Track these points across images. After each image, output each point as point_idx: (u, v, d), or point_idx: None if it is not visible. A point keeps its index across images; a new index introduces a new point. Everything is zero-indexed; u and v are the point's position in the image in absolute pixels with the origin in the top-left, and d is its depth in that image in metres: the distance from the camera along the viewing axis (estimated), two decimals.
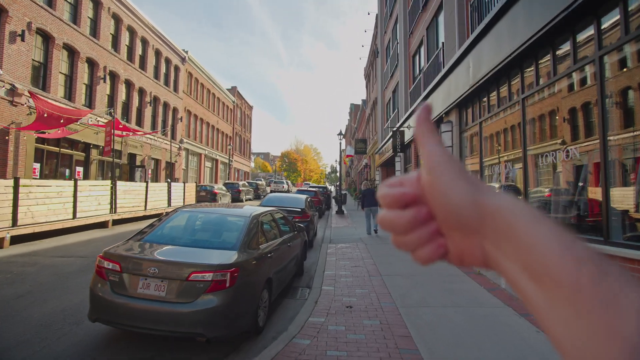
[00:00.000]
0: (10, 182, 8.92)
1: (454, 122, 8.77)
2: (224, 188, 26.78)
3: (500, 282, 6.32)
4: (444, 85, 9.13)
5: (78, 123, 14.55)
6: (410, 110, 12.83)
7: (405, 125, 13.51)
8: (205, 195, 23.41)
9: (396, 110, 17.68)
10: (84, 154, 19.52)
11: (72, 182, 11.13)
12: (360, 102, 42.93)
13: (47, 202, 10.03)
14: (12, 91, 14.57)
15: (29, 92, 13.56)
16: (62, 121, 11.38)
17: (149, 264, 4.02)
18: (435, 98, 9.94)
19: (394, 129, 14.71)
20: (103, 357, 4.01)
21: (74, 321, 4.81)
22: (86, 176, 19.50)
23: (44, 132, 12.57)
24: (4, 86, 14.23)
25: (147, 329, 3.94)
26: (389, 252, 9.48)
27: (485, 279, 6.72)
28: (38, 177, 16.32)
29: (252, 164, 77.25)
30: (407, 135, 13.68)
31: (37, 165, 16.48)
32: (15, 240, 9.24)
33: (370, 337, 4.37)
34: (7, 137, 13.95)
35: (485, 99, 7.35)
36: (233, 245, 4.56)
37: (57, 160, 17.79)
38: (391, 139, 15.28)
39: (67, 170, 18.55)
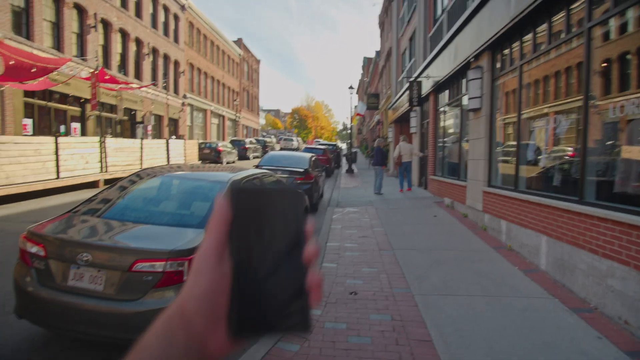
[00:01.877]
0: None
1: (484, 67, 7.28)
2: (229, 145, 25.72)
3: (539, 261, 5.21)
4: (474, 23, 7.55)
5: (58, 73, 13.28)
6: (430, 57, 11.21)
7: (424, 75, 11.92)
8: (209, 153, 22.42)
9: (413, 59, 15.91)
10: (79, 109, 18.44)
11: (52, 139, 10.12)
12: (373, 55, 40.29)
13: (23, 160, 9.08)
14: None
15: None
16: (34, 70, 10.19)
17: (79, 248, 2.99)
18: (462, 40, 8.38)
19: (411, 79, 13.12)
20: None
21: (12, 309, 3.90)
22: (84, 133, 18.54)
23: (24, 84, 11.42)
24: None
25: (81, 333, 2.99)
26: (403, 219, 8.40)
27: (520, 258, 5.61)
28: (30, 133, 15.40)
29: (262, 121, 75.63)
30: (425, 87, 12.14)
31: (29, 121, 15.52)
32: None
33: (378, 341, 3.35)
34: None
35: (529, 36, 5.85)
36: (199, 222, 3.47)
37: (50, 116, 16.78)
38: (407, 92, 13.74)
39: (63, 127, 17.59)
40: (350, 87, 22.45)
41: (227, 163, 23.65)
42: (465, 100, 8.77)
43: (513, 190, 6.18)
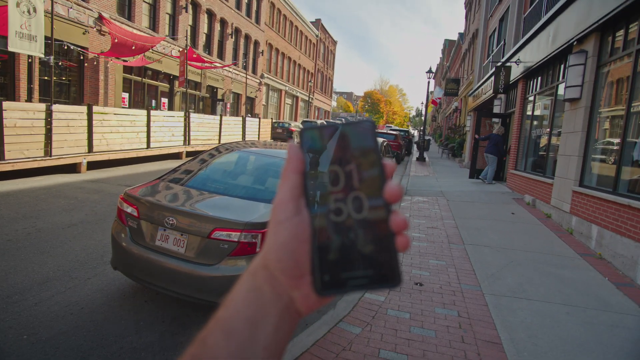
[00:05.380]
0: (84, 108, 8.99)
1: (590, 51, 6.44)
2: (301, 126, 26.22)
3: (635, 274, 4.62)
4: (583, 0, 6.68)
5: (152, 51, 14.45)
6: (523, 40, 10.21)
7: (514, 59, 10.92)
8: (282, 132, 23.10)
9: (502, 42, 14.64)
10: (168, 85, 20.00)
11: (144, 112, 11.13)
12: (456, 37, 37.88)
13: (121, 130, 10.13)
14: (100, 20, 14.81)
15: (100, 15, 13.55)
16: (133, 48, 11.22)
17: (166, 212, 3.26)
18: (564, 20, 7.48)
19: (498, 64, 12.11)
20: (122, 309, 3.51)
21: (109, 259, 4.43)
22: (171, 107, 20.13)
23: (126, 60, 12.66)
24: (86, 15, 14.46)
25: (163, 289, 3.29)
26: (476, 213, 7.95)
27: (611, 268, 5.02)
28: (127, 106, 17.09)
29: (334, 103, 75.78)
30: (514, 73, 11.13)
31: (126, 95, 17.20)
32: (93, 166, 9.55)
33: (442, 336, 3.24)
34: (94, 64, 14.39)
35: None
36: (273, 198, 3.59)
37: (143, 91, 18.43)
38: (492, 77, 12.74)
39: (154, 101, 19.25)
40: (429, 71, 21.44)
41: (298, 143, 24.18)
42: (560, 89, 7.92)
43: (611, 192, 5.49)
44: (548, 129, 8.81)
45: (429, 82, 22.03)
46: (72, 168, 8.93)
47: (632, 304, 4.01)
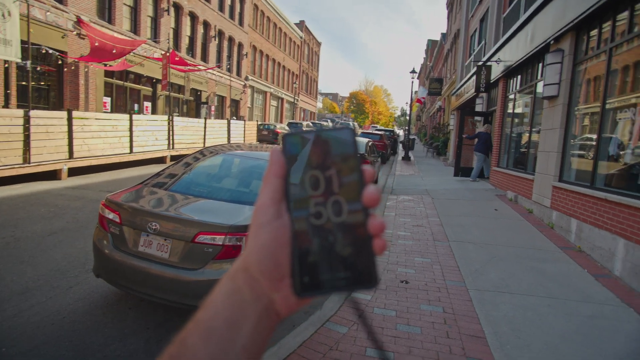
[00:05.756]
0: (64, 113, 8.82)
1: (566, 50, 6.61)
2: (286, 128, 26.18)
3: (613, 265, 4.75)
4: (559, 0, 6.85)
5: (134, 54, 14.25)
6: (502, 40, 10.41)
7: (494, 58, 11.13)
8: (267, 135, 23.01)
9: (483, 42, 14.91)
10: (151, 88, 19.74)
11: (127, 116, 10.96)
12: (439, 38, 38.32)
13: (103, 135, 9.97)
14: (79, 24, 14.52)
15: (78, 18, 13.29)
16: (114, 52, 11.05)
17: (149, 217, 3.22)
18: (541, 20, 7.66)
19: (479, 63, 12.33)
20: (106, 317, 3.45)
21: (91, 267, 4.35)
22: (154, 111, 19.87)
23: (106, 65, 12.45)
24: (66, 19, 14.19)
25: (147, 295, 3.25)
26: (460, 210, 8.06)
27: (590, 261, 5.15)
28: (109, 110, 16.80)
29: (320, 104, 75.91)
30: (495, 72, 11.35)
31: (108, 100, 16.91)
32: (74, 172, 9.37)
33: (427, 332, 3.29)
34: (72, 68, 14.11)
35: (625, 14, 5.19)
36: None
37: (126, 95, 18.15)
38: (474, 77, 12.95)
39: (136, 105, 18.96)
40: (413, 71, 21.67)
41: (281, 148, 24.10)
42: (539, 87, 8.10)
43: (589, 187, 5.65)
44: (528, 126, 9.00)
45: (412, 82, 22.27)
46: (52, 175, 8.74)
47: (610, 294, 4.12)
